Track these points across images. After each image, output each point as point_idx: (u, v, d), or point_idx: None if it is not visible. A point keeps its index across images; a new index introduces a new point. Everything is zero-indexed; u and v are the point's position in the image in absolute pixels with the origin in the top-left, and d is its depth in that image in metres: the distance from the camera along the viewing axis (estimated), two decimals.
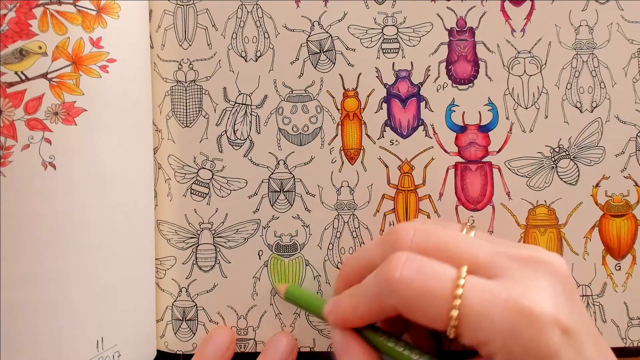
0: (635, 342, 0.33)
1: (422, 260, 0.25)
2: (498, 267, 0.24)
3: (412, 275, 0.24)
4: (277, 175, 0.33)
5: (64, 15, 0.29)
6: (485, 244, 0.26)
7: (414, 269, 0.24)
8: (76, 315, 0.29)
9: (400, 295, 0.24)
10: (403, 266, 0.25)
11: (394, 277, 0.24)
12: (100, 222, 0.30)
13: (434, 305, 0.24)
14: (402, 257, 0.25)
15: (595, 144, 0.33)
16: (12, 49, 0.27)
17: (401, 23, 0.33)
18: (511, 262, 0.25)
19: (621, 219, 0.33)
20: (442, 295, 0.23)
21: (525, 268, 0.24)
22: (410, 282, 0.24)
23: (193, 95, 0.33)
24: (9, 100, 0.27)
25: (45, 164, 0.28)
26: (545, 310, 0.23)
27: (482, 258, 0.25)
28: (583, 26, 0.33)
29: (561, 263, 0.25)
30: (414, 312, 0.24)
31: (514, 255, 0.25)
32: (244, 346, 0.33)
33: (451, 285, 0.24)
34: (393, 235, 0.27)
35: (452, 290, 0.23)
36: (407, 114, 0.33)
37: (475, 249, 0.25)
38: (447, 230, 0.27)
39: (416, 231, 0.27)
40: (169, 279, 0.33)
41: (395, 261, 0.25)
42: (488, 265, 0.25)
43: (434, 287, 0.24)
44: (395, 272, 0.24)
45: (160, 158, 0.33)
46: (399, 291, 0.24)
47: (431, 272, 0.24)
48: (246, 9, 0.33)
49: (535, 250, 0.26)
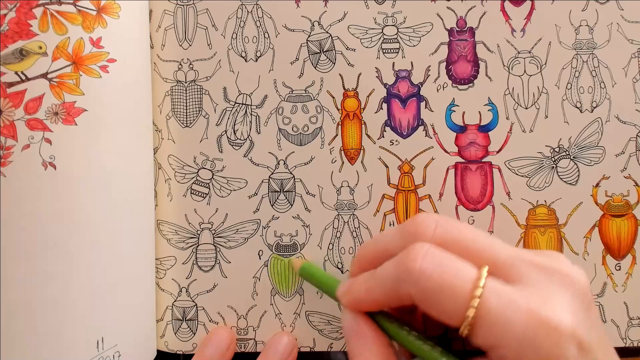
0: (635, 342, 0.33)
1: (443, 254, 0.25)
2: (518, 272, 0.24)
3: (432, 268, 0.24)
4: (277, 175, 0.33)
5: (64, 15, 0.29)
6: (507, 245, 0.26)
7: (435, 262, 0.24)
8: (76, 315, 0.29)
9: (419, 286, 0.24)
10: (424, 258, 0.24)
11: (414, 267, 0.24)
12: (101, 222, 0.30)
13: (452, 302, 0.23)
14: (424, 248, 0.25)
15: (595, 144, 0.33)
16: (12, 49, 0.27)
17: (401, 23, 0.33)
18: (532, 269, 0.24)
19: (621, 219, 0.33)
20: (460, 293, 0.23)
21: (546, 277, 0.24)
22: (430, 275, 0.24)
23: (193, 95, 0.33)
24: (9, 100, 0.27)
25: (45, 164, 0.28)
26: (564, 323, 0.22)
27: (503, 260, 0.25)
28: (583, 26, 0.33)
29: (582, 276, 0.25)
30: (430, 305, 0.24)
31: (535, 262, 0.25)
32: (244, 346, 0.33)
33: (471, 285, 0.23)
34: (414, 226, 0.27)
35: (472, 289, 0.23)
36: (407, 114, 0.33)
37: (496, 249, 0.25)
38: (468, 227, 0.27)
39: (438, 224, 0.26)
40: (169, 279, 0.33)
41: (417, 251, 0.25)
42: (508, 268, 0.24)
43: (454, 283, 0.24)
44: (416, 262, 0.24)
45: (160, 158, 0.33)
46: (418, 282, 0.24)
47: (452, 268, 0.24)
48: (246, 9, 0.33)
49: (557, 259, 0.26)
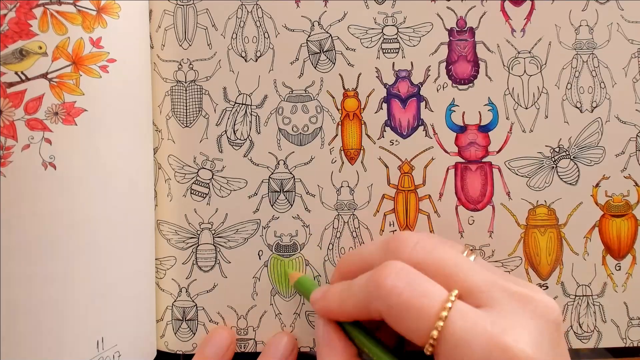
0: (635, 342, 0.33)
1: (415, 274, 0.25)
2: (490, 298, 0.24)
3: (401, 286, 0.24)
4: (277, 175, 0.33)
5: (64, 15, 0.29)
6: (483, 271, 0.26)
7: (405, 281, 0.25)
8: (76, 315, 0.29)
9: (386, 303, 0.25)
10: (396, 275, 0.25)
11: (384, 284, 0.25)
12: (100, 222, 0.30)
13: (417, 321, 0.24)
14: (397, 266, 0.25)
15: (595, 144, 0.33)
16: (12, 49, 0.27)
17: (401, 23, 0.33)
18: (504, 296, 0.25)
19: (621, 219, 0.33)
20: (426, 313, 0.24)
21: (517, 305, 0.24)
22: (399, 293, 0.24)
23: (193, 95, 0.33)
24: (9, 100, 0.27)
25: (45, 164, 0.28)
26: (524, 351, 0.22)
27: (477, 285, 0.25)
28: (583, 26, 0.33)
29: (554, 307, 0.25)
30: (396, 322, 0.25)
31: (508, 289, 0.25)
32: (244, 346, 0.33)
33: (438, 306, 0.24)
34: (395, 242, 0.27)
35: (438, 311, 0.24)
36: (407, 114, 0.33)
37: (472, 274, 0.25)
38: (448, 249, 0.27)
39: (418, 243, 0.27)
40: (169, 279, 0.33)
41: (389, 269, 0.25)
42: (481, 294, 0.25)
43: (421, 303, 0.24)
44: (387, 279, 0.25)
45: (160, 158, 0.33)
46: (386, 299, 0.25)
47: (421, 288, 0.24)
48: (246, 9, 0.33)
49: (532, 289, 0.26)
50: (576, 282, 0.33)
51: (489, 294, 0.25)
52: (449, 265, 0.26)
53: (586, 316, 0.33)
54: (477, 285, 0.25)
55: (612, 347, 0.33)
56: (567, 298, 0.33)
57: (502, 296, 0.25)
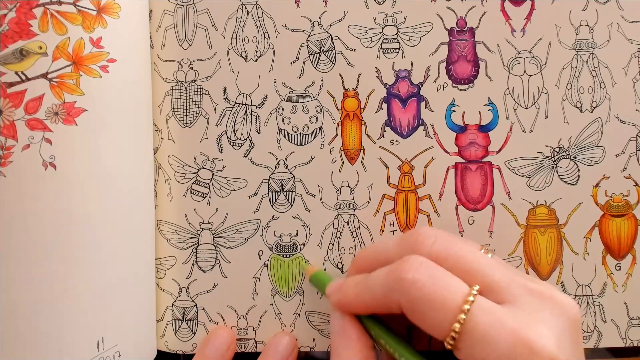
0: (635, 342, 0.33)
1: (436, 268, 0.25)
2: (510, 294, 0.25)
3: (423, 279, 0.24)
4: (277, 175, 0.33)
5: (64, 15, 0.29)
6: (502, 268, 0.26)
7: (427, 274, 0.25)
8: (76, 315, 0.29)
9: (408, 296, 0.25)
10: (417, 269, 0.25)
11: (406, 277, 0.25)
12: (101, 222, 0.30)
13: (439, 314, 0.24)
14: (418, 260, 0.25)
15: (596, 144, 0.33)
16: (12, 49, 0.27)
17: (401, 23, 0.33)
18: (525, 293, 0.25)
19: (621, 219, 0.33)
20: (449, 307, 0.24)
21: (538, 302, 0.25)
22: (421, 286, 0.24)
23: (193, 95, 0.33)
24: (9, 100, 0.27)
25: (45, 164, 0.28)
26: (546, 347, 0.23)
27: (497, 281, 0.25)
28: (583, 26, 0.33)
29: (573, 305, 0.25)
30: (417, 316, 0.25)
31: (529, 287, 0.25)
32: (244, 346, 0.33)
33: (460, 300, 0.24)
34: (414, 237, 0.27)
35: (460, 304, 0.24)
36: (407, 114, 0.33)
37: (491, 270, 0.25)
38: (467, 245, 0.27)
39: (438, 238, 0.27)
40: (169, 279, 0.33)
41: (410, 263, 0.25)
42: (501, 290, 0.25)
43: (443, 296, 0.24)
44: (409, 273, 0.25)
45: (160, 158, 0.33)
46: (408, 292, 0.25)
47: (443, 281, 0.25)
48: (246, 9, 0.33)
49: (550, 287, 0.26)
50: (576, 282, 0.33)
51: (509, 290, 0.25)
52: (469, 260, 0.26)
53: (586, 316, 0.33)
54: (497, 281, 0.25)
55: (612, 347, 0.33)
56: None
57: (522, 293, 0.25)
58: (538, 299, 0.25)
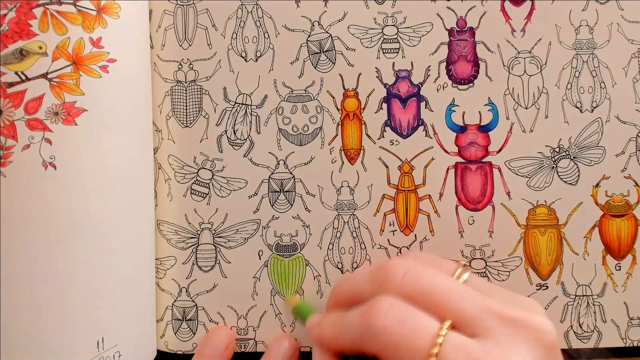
0: (635, 342, 0.33)
1: (406, 310, 0.25)
2: (483, 326, 0.24)
3: (392, 325, 0.24)
4: (277, 175, 0.33)
5: (64, 15, 0.29)
6: (476, 297, 0.25)
7: (395, 319, 0.24)
8: (76, 315, 0.29)
9: (379, 343, 0.24)
10: (386, 314, 0.25)
11: (375, 324, 0.25)
12: (101, 222, 0.30)
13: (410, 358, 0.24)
14: (387, 303, 0.25)
15: (596, 144, 0.33)
16: (12, 49, 0.27)
17: (401, 23, 0.33)
18: (498, 323, 0.24)
19: (621, 219, 0.33)
20: (418, 351, 0.23)
21: (511, 331, 0.24)
22: (390, 333, 0.24)
23: (193, 95, 0.33)
24: (9, 100, 0.27)
25: (45, 164, 0.28)
26: None
27: (469, 313, 0.25)
28: (583, 26, 0.33)
29: (550, 331, 0.25)
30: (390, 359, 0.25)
31: (503, 315, 0.24)
32: (243, 346, 0.33)
33: (430, 341, 0.24)
34: (383, 273, 0.27)
35: (430, 347, 0.23)
36: (407, 114, 0.33)
37: (463, 302, 0.25)
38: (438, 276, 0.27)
39: (407, 273, 0.26)
40: (169, 279, 0.33)
41: (379, 307, 0.25)
42: (474, 322, 0.24)
43: (413, 341, 0.24)
44: (377, 319, 0.25)
45: (160, 158, 0.33)
46: (378, 340, 0.24)
47: (412, 325, 0.24)
48: (246, 9, 0.33)
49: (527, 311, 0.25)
50: (576, 282, 0.33)
51: (482, 322, 0.24)
52: (441, 293, 0.25)
53: (586, 316, 0.33)
54: (469, 314, 0.25)
55: (612, 347, 0.33)
56: (567, 298, 0.33)
57: (495, 324, 0.24)
58: (512, 328, 0.24)
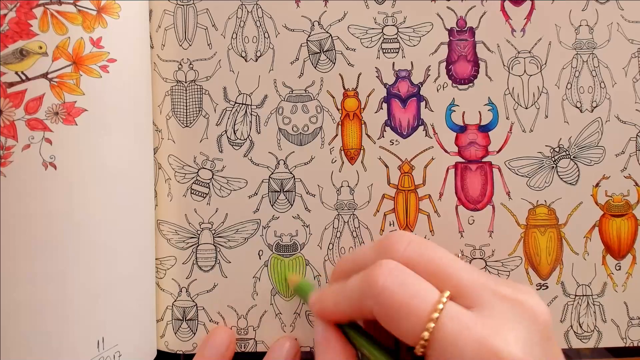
0: (635, 342, 0.33)
1: (408, 274, 0.25)
2: (480, 299, 0.25)
3: (394, 287, 0.25)
4: (277, 175, 0.33)
5: (64, 15, 0.29)
6: (475, 271, 0.26)
7: (397, 281, 0.25)
8: (76, 315, 0.29)
9: (379, 303, 0.25)
10: (388, 275, 0.25)
11: (376, 283, 0.25)
12: (101, 222, 0.30)
13: (409, 322, 0.24)
14: (390, 265, 0.25)
15: (595, 143, 0.33)
16: (12, 49, 0.27)
17: (401, 23, 0.33)
18: (495, 298, 0.25)
19: (621, 219, 0.33)
20: (418, 315, 0.24)
21: (507, 307, 0.25)
22: (391, 293, 0.24)
23: (193, 95, 0.33)
24: (9, 100, 0.27)
25: (45, 164, 0.28)
26: (512, 354, 0.23)
27: (468, 285, 0.25)
28: (583, 26, 0.33)
29: (543, 310, 0.25)
30: (388, 322, 0.25)
31: (500, 291, 0.25)
32: (244, 346, 0.33)
33: (430, 308, 0.24)
34: (388, 241, 0.27)
35: (430, 312, 0.24)
36: (407, 114, 0.33)
37: (463, 274, 0.25)
38: (440, 249, 0.27)
39: (411, 242, 0.27)
40: (169, 278, 0.33)
41: (382, 268, 0.25)
42: (471, 294, 0.25)
43: (413, 304, 0.24)
44: (379, 279, 0.25)
45: (160, 158, 0.33)
46: (379, 298, 0.25)
47: (414, 288, 0.25)
48: (246, 9, 0.33)
49: (522, 292, 0.26)
50: (576, 282, 0.33)
51: (479, 295, 0.25)
52: (442, 264, 0.26)
53: (586, 316, 0.33)
54: (468, 286, 0.25)
55: (612, 347, 0.33)
56: (567, 298, 0.33)
57: (492, 299, 0.25)
58: (508, 305, 0.25)
